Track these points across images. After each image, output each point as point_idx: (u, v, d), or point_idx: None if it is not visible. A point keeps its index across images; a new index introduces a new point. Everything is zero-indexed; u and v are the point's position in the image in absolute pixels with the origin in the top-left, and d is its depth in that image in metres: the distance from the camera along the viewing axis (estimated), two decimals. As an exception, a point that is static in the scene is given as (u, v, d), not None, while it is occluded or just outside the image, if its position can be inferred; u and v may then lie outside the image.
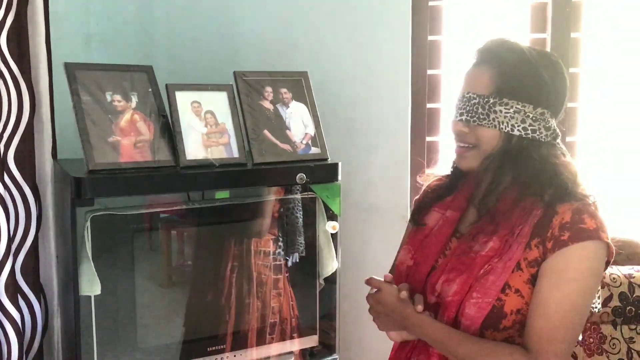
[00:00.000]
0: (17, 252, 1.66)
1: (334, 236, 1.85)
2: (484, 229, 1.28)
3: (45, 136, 1.72)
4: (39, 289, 1.73)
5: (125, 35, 2.04)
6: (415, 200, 1.56)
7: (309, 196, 1.82)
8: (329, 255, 1.86)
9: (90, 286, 1.55)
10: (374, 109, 2.22)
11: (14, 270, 1.60)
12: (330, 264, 1.86)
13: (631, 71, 2.27)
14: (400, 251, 1.44)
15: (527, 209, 1.25)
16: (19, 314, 1.59)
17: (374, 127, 2.22)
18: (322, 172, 1.77)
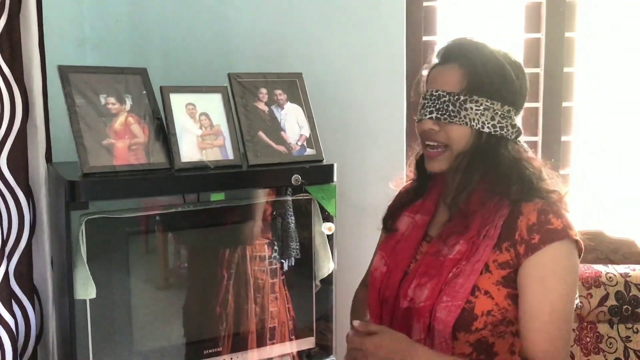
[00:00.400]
0: (10, 257, 1.65)
1: (330, 237, 1.85)
2: (454, 229, 1.28)
3: (38, 139, 1.71)
4: (32, 293, 1.72)
5: (119, 37, 2.03)
6: (388, 205, 1.55)
7: (305, 197, 1.82)
8: (325, 256, 1.85)
9: (85, 290, 1.54)
10: (369, 110, 2.22)
11: (7, 274, 1.59)
12: (326, 266, 1.86)
13: (626, 70, 2.27)
14: (374, 257, 1.43)
15: (493, 209, 1.25)
16: (12, 319, 1.58)
17: (370, 127, 2.22)
18: (318, 173, 1.76)
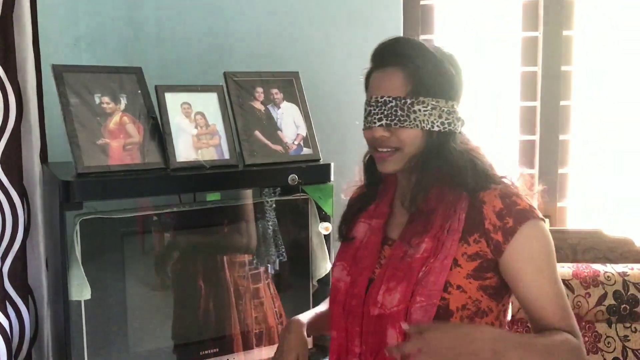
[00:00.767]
0: (4, 258, 1.64)
1: (327, 237, 1.84)
2: (416, 229, 1.27)
3: (33, 139, 1.70)
4: (27, 294, 1.70)
5: (114, 36, 2.02)
6: (342, 215, 1.51)
7: (301, 197, 1.81)
8: (322, 256, 1.85)
9: (80, 291, 1.54)
10: (366, 109, 2.20)
11: (1, 275, 1.58)
12: (323, 266, 1.85)
13: (624, 69, 2.26)
14: (334, 270, 1.40)
15: (451, 203, 1.26)
16: (7, 321, 1.57)
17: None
18: (315, 173, 1.75)
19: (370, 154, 1.37)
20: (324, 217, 1.82)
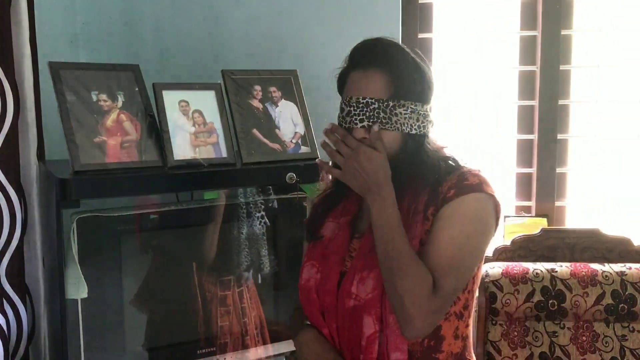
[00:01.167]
0: (1, 256, 1.64)
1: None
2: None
3: (30, 137, 1.69)
4: (24, 292, 1.70)
5: (111, 34, 2.01)
6: (304, 220, 1.53)
7: (299, 196, 1.80)
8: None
9: (76, 289, 1.53)
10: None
11: (-2, 273, 1.58)
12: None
13: (622, 68, 2.26)
14: (302, 270, 1.39)
15: (417, 190, 1.29)
16: (4, 319, 1.57)
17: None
18: (313, 171, 1.74)
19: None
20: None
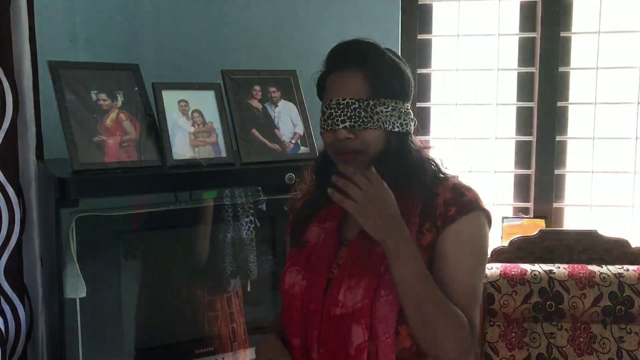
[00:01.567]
0: (0, 255, 1.63)
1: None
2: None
3: (29, 136, 1.69)
4: (23, 292, 1.70)
5: (111, 33, 2.01)
6: (285, 229, 1.50)
7: (298, 196, 1.80)
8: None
9: (75, 289, 1.53)
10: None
11: (-3, 273, 1.58)
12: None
13: (620, 70, 2.27)
14: (285, 275, 1.35)
15: (408, 199, 1.27)
16: (2, 318, 1.56)
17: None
18: (312, 172, 1.75)
19: (321, 156, 1.38)
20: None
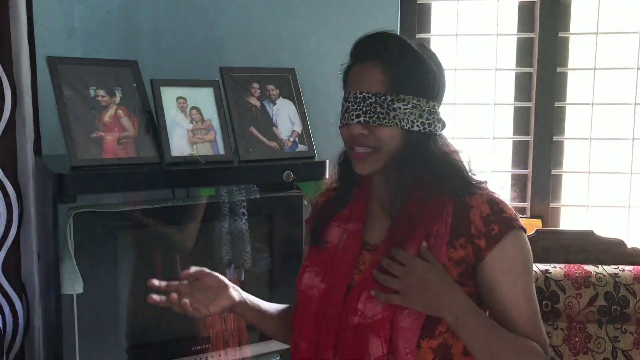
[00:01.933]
0: (-3, 250, 1.63)
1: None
2: (399, 235, 1.20)
3: (27, 132, 1.69)
4: (20, 287, 1.70)
5: (109, 29, 2.01)
6: (306, 220, 1.45)
7: (296, 194, 1.81)
8: (315, 253, 1.84)
9: (72, 284, 1.53)
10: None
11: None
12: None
13: (618, 71, 2.27)
14: (303, 275, 1.30)
15: (437, 207, 1.21)
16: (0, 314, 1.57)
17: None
18: (309, 169, 1.75)
19: (344, 152, 1.32)
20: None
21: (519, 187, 2.32)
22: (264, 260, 1.87)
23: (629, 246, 1.91)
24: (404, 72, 1.19)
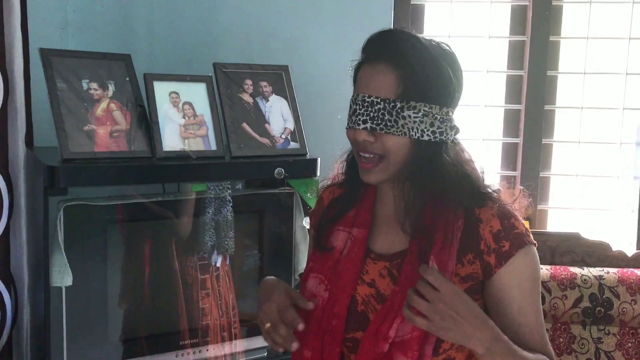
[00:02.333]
0: (-13, 241, 1.63)
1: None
2: (421, 247, 1.16)
3: (19, 123, 1.68)
4: (9, 279, 1.69)
5: (103, 22, 2.00)
6: (311, 212, 1.40)
7: (287, 191, 1.81)
8: (304, 250, 1.85)
9: (61, 277, 1.53)
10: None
11: (-17, 259, 1.57)
12: (306, 260, 1.86)
13: (606, 75, 2.30)
14: (308, 279, 1.25)
15: (450, 220, 1.17)
16: (-13, 306, 1.56)
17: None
18: (301, 167, 1.76)
19: (352, 155, 1.26)
20: (309, 212, 1.82)
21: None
22: (252, 257, 1.87)
23: (614, 249, 1.93)
24: (417, 78, 1.12)
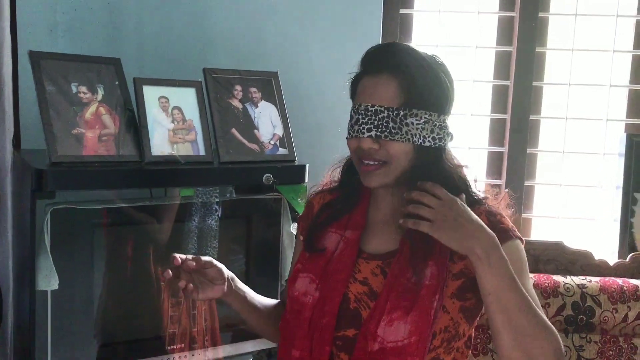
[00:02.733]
0: (-29, 243, 1.62)
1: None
2: (417, 253, 1.18)
3: (7, 125, 1.68)
4: (-7, 281, 1.68)
5: (92, 25, 2.00)
6: (300, 218, 1.42)
7: (274, 197, 1.82)
8: (291, 256, 1.86)
9: (47, 281, 1.52)
10: (343, 112, 2.21)
11: (-33, 262, 1.56)
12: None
13: (590, 87, 2.34)
14: (296, 279, 1.26)
15: None
16: (-29, 307, 1.55)
17: (343, 130, 2.22)
18: (289, 173, 1.77)
19: (349, 160, 1.30)
20: (296, 218, 1.83)
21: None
22: (237, 261, 1.87)
23: (597, 258, 1.96)
24: (419, 87, 1.18)
